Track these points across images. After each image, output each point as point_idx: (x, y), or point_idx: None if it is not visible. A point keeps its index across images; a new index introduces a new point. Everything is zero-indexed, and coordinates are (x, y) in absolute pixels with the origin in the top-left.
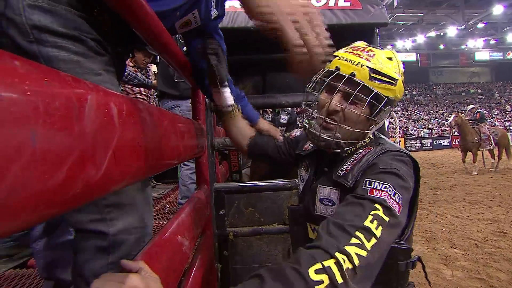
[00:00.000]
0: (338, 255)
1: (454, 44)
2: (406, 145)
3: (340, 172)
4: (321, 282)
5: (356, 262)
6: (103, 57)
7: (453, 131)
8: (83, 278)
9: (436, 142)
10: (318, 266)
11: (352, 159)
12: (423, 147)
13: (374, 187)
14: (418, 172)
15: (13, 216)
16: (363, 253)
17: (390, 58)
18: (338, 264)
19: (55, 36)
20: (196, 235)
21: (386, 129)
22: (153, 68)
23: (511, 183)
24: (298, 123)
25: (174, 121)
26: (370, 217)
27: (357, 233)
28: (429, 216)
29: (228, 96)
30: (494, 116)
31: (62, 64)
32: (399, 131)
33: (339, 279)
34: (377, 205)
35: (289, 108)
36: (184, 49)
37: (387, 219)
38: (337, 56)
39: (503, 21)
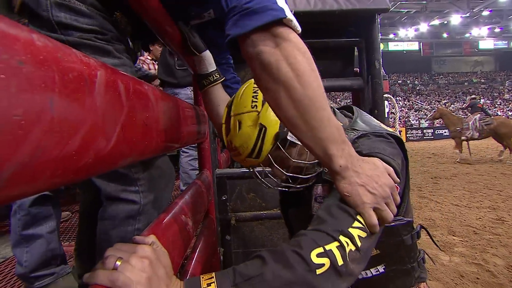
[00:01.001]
0: (342, 238)
1: (457, 32)
2: (407, 135)
3: (325, 169)
4: (323, 265)
5: (359, 243)
6: (121, 46)
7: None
8: (109, 243)
9: (437, 132)
10: (320, 250)
11: None
12: (425, 137)
13: None
14: (402, 145)
15: (34, 177)
16: (364, 234)
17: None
18: (341, 247)
19: (79, 31)
20: (199, 218)
21: (386, 116)
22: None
23: None
24: None
25: (177, 105)
26: None
27: (358, 217)
28: (429, 204)
29: (209, 63)
30: (496, 106)
31: (88, 49)
32: (399, 121)
33: (340, 262)
34: None
35: None
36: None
37: None
38: None
39: (509, 8)
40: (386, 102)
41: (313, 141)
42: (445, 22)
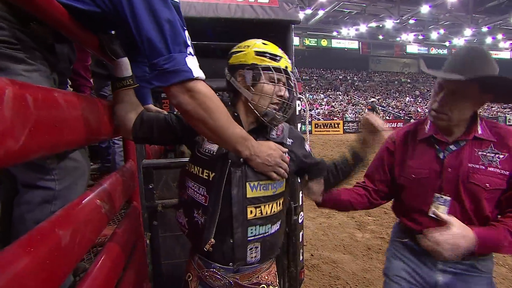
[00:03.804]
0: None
1: (390, 36)
2: (344, 127)
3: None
4: None
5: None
6: (37, 53)
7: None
8: (24, 226)
9: None
10: None
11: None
12: (359, 129)
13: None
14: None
15: None
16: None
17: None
18: None
19: None
20: (118, 204)
21: (297, 114)
22: None
23: None
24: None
25: (95, 105)
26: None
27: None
28: None
29: (125, 68)
30: (417, 103)
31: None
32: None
33: None
34: None
35: None
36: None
37: None
38: (282, 57)
39: (429, 19)
40: (298, 101)
41: (227, 146)
42: (381, 26)
